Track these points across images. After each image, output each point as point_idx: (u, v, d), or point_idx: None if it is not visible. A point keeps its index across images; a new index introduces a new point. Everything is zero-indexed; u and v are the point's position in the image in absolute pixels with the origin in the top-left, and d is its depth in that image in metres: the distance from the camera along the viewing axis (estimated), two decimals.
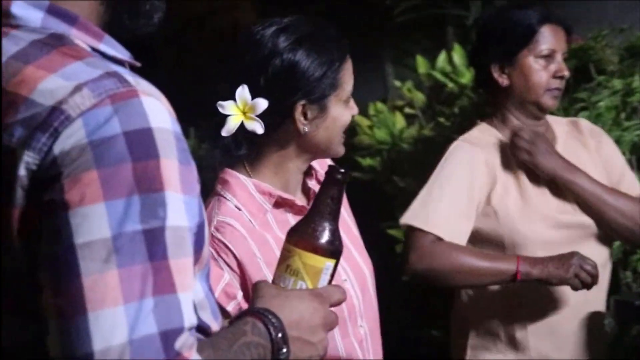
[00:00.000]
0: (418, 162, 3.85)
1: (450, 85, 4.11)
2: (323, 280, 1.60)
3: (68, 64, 1.34)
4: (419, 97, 4.21)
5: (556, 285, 2.79)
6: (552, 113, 3.14)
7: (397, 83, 4.47)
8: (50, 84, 1.32)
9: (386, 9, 4.96)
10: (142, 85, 1.34)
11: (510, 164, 2.95)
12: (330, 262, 1.60)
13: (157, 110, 1.33)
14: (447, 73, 4.14)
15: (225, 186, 2.26)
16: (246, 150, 2.26)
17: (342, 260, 2.24)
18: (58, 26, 1.41)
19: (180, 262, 1.32)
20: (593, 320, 2.93)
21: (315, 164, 2.37)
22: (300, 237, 1.61)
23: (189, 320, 1.31)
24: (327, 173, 1.66)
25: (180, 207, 1.32)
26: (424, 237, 2.86)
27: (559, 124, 3.08)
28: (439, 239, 2.86)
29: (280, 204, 2.24)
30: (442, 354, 3.15)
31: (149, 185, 1.29)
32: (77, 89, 1.30)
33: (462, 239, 2.88)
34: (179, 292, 1.31)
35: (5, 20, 1.41)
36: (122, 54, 1.47)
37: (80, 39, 1.41)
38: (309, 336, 1.53)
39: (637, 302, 2.89)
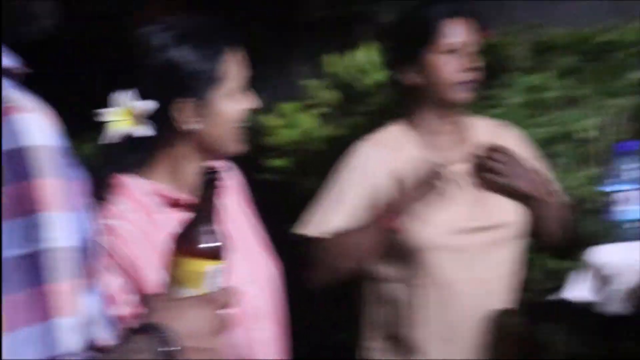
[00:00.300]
0: (330, 162, 3.83)
1: (362, 83, 4.11)
2: (210, 284, 1.60)
3: None
4: (332, 96, 4.19)
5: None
6: (478, 106, 3.20)
7: (308, 82, 4.45)
8: None
9: (299, 6, 5.00)
10: (22, 100, 1.31)
11: (422, 167, 2.93)
12: (212, 265, 1.60)
13: (36, 127, 1.30)
14: (360, 70, 4.14)
15: (116, 190, 2.24)
16: (138, 154, 2.27)
17: (244, 262, 2.25)
18: None
19: (64, 285, 1.30)
20: (500, 320, 2.94)
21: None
22: (178, 244, 1.61)
23: (75, 343, 1.30)
24: (204, 176, 1.66)
25: (62, 227, 1.30)
26: (316, 245, 2.92)
27: (480, 126, 3.10)
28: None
29: (177, 204, 2.24)
30: (352, 358, 3.14)
31: (27, 207, 1.27)
32: None
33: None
34: (63, 315, 1.29)
35: None
36: (9, 61, 1.42)
37: None
38: (205, 344, 1.53)
39: (545, 300, 2.86)
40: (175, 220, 2.08)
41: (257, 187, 3.86)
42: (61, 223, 1.30)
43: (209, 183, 1.65)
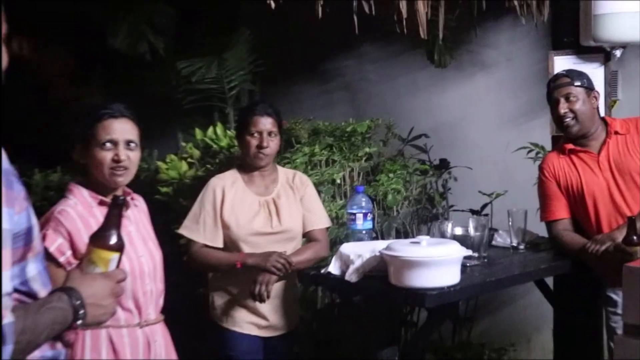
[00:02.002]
0: (194, 191, 3.76)
1: (215, 146, 4.07)
2: (112, 266, 1.56)
3: None
4: (196, 153, 4.14)
5: (263, 270, 2.74)
6: (279, 163, 3.16)
7: (183, 143, 4.36)
8: None
9: (179, 99, 4.93)
10: None
11: (242, 194, 2.87)
12: (115, 255, 1.56)
13: None
14: (213, 139, 4.08)
15: (69, 192, 2.23)
16: (79, 174, 2.31)
17: (141, 246, 2.26)
18: None
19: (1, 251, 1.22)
20: (289, 285, 2.94)
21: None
22: (95, 240, 1.57)
23: (5, 288, 1.21)
24: (111, 199, 1.64)
25: (4, 218, 1.22)
26: (193, 244, 2.85)
27: (284, 173, 3.02)
28: (204, 244, 2.83)
29: (103, 203, 2.20)
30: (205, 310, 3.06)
31: None
32: None
33: (216, 240, 2.84)
34: None
35: None
36: None
37: None
38: (100, 302, 1.48)
39: (311, 272, 2.90)
40: (103, 212, 2.10)
41: (154, 204, 3.81)
42: (5, 215, 1.21)
43: (116, 205, 1.62)
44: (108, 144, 2.21)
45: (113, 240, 1.56)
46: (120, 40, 4.68)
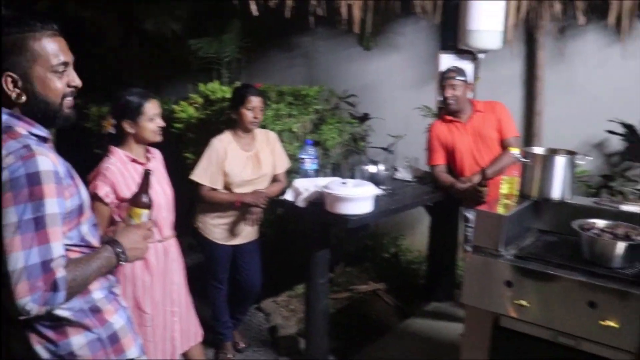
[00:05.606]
0: (198, 128, 3.72)
1: (213, 97, 3.93)
2: (144, 219, 1.54)
3: (8, 141, 1.23)
4: (200, 100, 4.00)
5: (253, 206, 2.67)
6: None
7: (191, 94, 4.17)
8: None
9: (189, 61, 4.70)
10: (39, 150, 1.23)
11: (235, 152, 2.70)
12: (145, 211, 1.54)
13: (44, 162, 1.22)
14: (212, 91, 3.93)
15: (110, 153, 2.13)
16: (117, 138, 2.15)
17: (158, 188, 2.16)
18: (12, 122, 1.27)
19: (53, 229, 1.23)
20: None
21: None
22: (132, 201, 1.55)
23: (58, 252, 1.23)
24: (143, 172, 1.58)
25: (54, 204, 1.23)
26: (202, 187, 2.70)
27: (259, 132, 2.82)
28: (211, 187, 2.70)
29: (134, 161, 2.13)
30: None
31: (35, 197, 1.20)
32: (8, 155, 1.21)
33: (218, 184, 2.71)
34: (52, 242, 1.22)
35: None
36: (43, 132, 1.30)
37: (22, 127, 1.27)
38: (136, 245, 1.45)
39: (274, 198, 2.79)
40: (133, 167, 2.12)
41: (171, 135, 3.69)
42: (55, 202, 1.23)
43: (145, 176, 1.58)
44: (158, 119, 2.15)
45: (143, 200, 1.54)
46: (150, 24, 4.39)
